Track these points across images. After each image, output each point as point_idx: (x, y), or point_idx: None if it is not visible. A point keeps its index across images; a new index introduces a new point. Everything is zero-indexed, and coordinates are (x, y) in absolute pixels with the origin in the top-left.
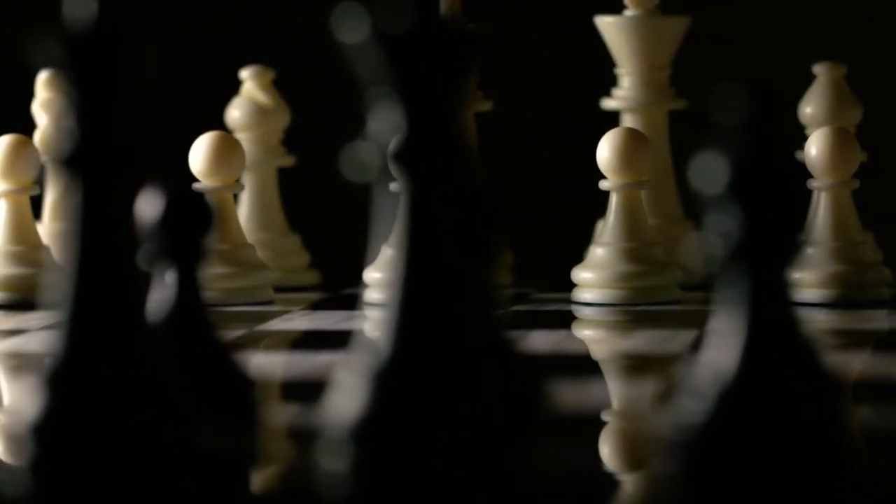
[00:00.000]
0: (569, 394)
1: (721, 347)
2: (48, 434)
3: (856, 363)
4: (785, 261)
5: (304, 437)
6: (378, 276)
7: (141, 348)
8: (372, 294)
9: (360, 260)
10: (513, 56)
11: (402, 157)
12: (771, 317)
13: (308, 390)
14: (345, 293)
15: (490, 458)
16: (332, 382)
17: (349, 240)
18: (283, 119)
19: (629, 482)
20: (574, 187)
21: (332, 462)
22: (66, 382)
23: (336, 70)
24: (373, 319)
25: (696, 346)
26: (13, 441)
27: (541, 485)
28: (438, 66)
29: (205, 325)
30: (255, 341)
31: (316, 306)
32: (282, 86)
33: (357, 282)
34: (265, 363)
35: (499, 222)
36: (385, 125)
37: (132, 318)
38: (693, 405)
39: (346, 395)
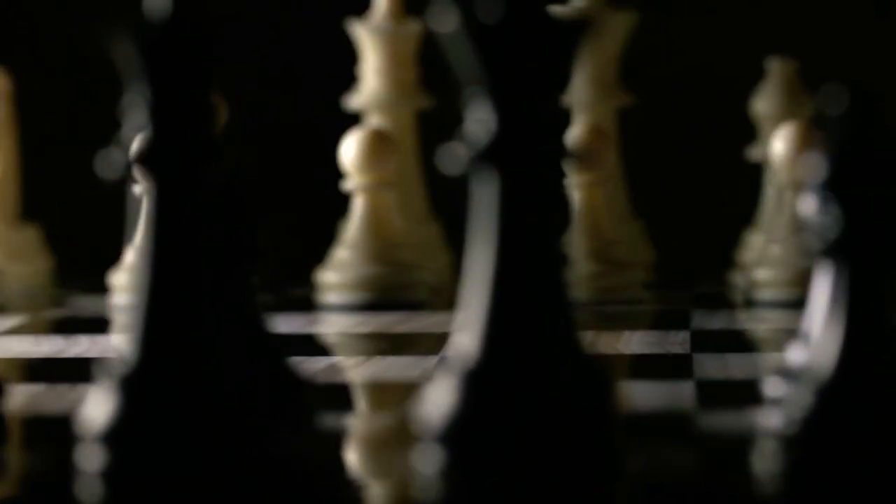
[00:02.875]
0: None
1: (820, 343)
2: (121, 439)
3: None
4: (884, 258)
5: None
6: (332, 278)
7: (213, 352)
8: (326, 296)
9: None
10: None
11: (492, 153)
12: (870, 313)
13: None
14: (293, 295)
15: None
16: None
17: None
18: (220, 119)
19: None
20: None
21: (424, 465)
22: (139, 386)
23: (274, 69)
24: (332, 322)
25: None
26: (86, 446)
27: (630, 485)
28: (533, 57)
29: (261, 326)
30: None
31: (271, 309)
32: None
33: (300, 283)
34: None
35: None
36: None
37: (205, 321)
38: (796, 400)
39: (437, 398)
